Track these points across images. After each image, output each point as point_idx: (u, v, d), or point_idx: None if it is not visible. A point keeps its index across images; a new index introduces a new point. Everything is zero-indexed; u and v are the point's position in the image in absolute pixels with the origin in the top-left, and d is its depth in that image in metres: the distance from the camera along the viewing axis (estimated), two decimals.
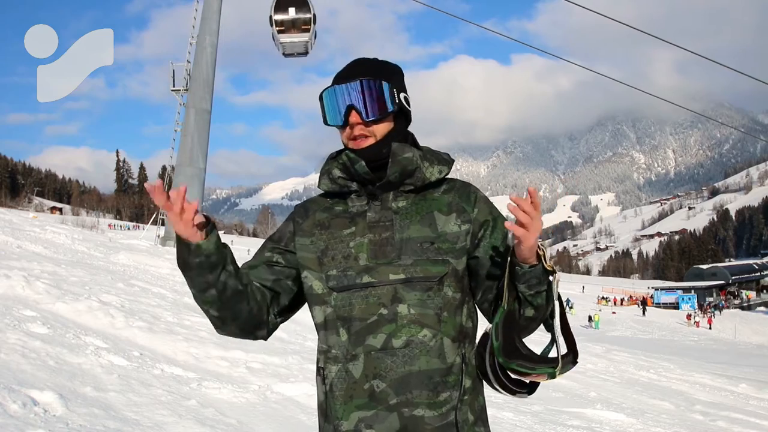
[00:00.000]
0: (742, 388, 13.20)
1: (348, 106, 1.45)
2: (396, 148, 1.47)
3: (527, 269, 1.38)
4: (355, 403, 1.41)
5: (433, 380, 1.41)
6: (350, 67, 1.52)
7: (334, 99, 1.47)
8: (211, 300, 1.47)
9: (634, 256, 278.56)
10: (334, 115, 1.48)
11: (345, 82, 1.47)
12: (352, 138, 1.48)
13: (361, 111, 1.45)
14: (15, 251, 11.67)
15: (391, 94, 1.47)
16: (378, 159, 1.48)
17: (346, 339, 1.43)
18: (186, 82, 26.15)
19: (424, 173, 1.50)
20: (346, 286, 1.44)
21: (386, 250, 1.45)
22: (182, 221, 1.37)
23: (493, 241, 1.50)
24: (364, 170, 1.47)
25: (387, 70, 1.52)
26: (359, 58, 1.55)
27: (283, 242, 1.57)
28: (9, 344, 4.90)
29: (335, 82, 1.50)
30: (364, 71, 1.49)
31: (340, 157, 1.52)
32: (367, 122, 1.46)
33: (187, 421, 4.16)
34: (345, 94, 1.46)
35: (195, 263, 1.41)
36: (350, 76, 1.48)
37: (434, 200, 1.51)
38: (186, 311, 8.44)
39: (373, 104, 1.45)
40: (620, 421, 7.34)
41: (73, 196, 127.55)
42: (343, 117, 1.47)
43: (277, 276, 1.55)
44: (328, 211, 1.54)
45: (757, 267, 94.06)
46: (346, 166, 1.49)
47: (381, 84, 1.46)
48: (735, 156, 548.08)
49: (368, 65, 1.52)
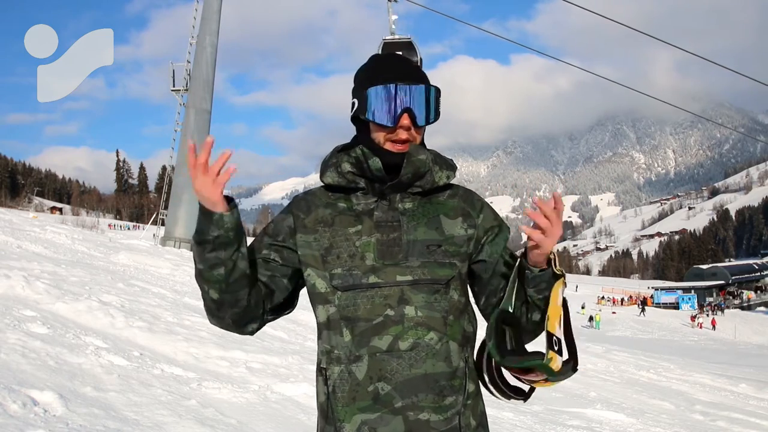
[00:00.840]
0: (742, 388, 13.20)
1: (405, 108, 1.41)
2: (412, 149, 1.45)
3: (537, 273, 1.39)
4: (358, 406, 1.39)
5: (438, 384, 1.40)
6: (403, 67, 1.47)
7: (389, 97, 1.41)
8: (216, 279, 1.41)
9: (634, 256, 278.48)
10: (385, 113, 1.42)
11: (405, 82, 1.42)
12: (395, 140, 1.44)
13: (417, 116, 1.43)
14: (15, 251, 11.67)
15: (437, 102, 1.46)
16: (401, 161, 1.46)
17: (349, 340, 1.41)
18: (186, 82, 26.12)
19: (434, 176, 1.49)
20: (351, 285, 1.42)
21: (394, 250, 1.43)
22: (214, 182, 1.33)
23: (497, 247, 1.51)
24: (377, 167, 1.44)
25: (426, 75, 1.51)
26: (397, 55, 1.52)
27: (280, 237, 1.51)
28: (9, 344, 4.89)
29: (387, 76, 1.44)
30: (419, 75, 1.47)
31: (353, 151, 1.48)
32: (416, 128, 1.45)
33: (187, 421, 4.15)
34: (406, 96, 1.42)
35: (213, 236, 1.37)
36: (408, 77, 1.44)
37: (440, 204, 1.51)
38: (186, 311, 8.44)
39: (428, 111, 1.44)
40: (620, 421, 7.34)
41: (73, 196, 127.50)
42: (397, 118, 1.42)
43: (273, 272, 1.50)
44: (331, 207, 1.50)
45: (757, 267, 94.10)
46: (359, 161, 1.46)
47: (437, 92, 1.46)
48: (735, 156, 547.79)
49: (417, 68, 1.49)
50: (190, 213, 24.93)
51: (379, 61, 1.50)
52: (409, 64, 1.49)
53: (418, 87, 1.43)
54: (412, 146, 1.45)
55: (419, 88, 1.43)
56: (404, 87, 1.41)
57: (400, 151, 1.44)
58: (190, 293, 10.94)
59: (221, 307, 1.46)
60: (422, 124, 1.44)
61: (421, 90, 1.43)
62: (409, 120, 1.42)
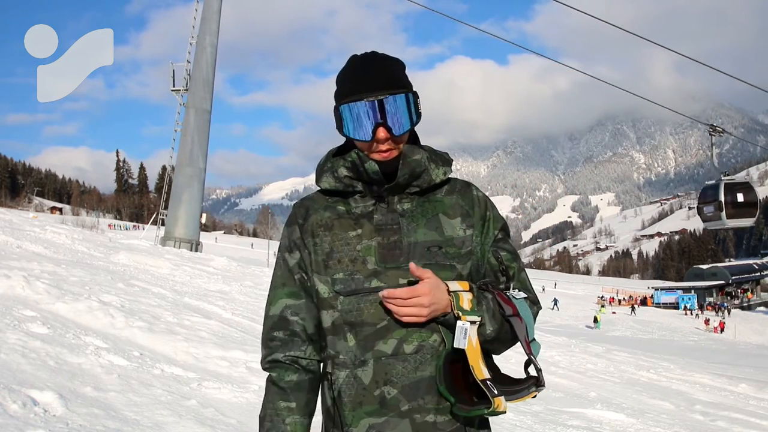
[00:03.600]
0: (742, 388, 13.20)
1: (378, 123, 1.39)
2: (407, 150, 1.44)
3: (442, 320, 1.39)
4: (364, 410, 1.39)
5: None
6: (367, 76, 1.42)
7: (359, 115, 1.39)
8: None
9: (634, 256, 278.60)
10: (359, 131, 1.41)
11: (369, 95, 1.39)
12: (377, 151, 1.43)
13: (392, 127, 1.40)
14: (15, 251, 11.66)
15: (416, 104, 1.43)
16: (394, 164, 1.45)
17: (354, 344, 1.41)
18: (186, 82, 26.09)
19: (431, 175, 1.48)
20: (353, 290, 1.41)
21: (395, 253, 1.42)
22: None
23: (486, 246, 1.51)
24: (374, 170, 1.43)
25: (403, 76, 1.46)
26: (366, 59, 1.45)
27: (299, 253, 1.51)
28: (9, 344, 4.89)
29: (353, 92, 1.41)
30: (387, 82, 1.41)
31: (349, 155, 1.47)
32: (395, 138, 1.42)
33: (187, 421, 4.15)
34: (373, 111, 1.39)
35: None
36: (373, 88, 1.40)
37: (438, 202, 1.50)
38: (186, 311, 8.44)
39: (401, 120, 1.41)
40: (620, 421, 7.34)
41: (73, 196, 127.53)
42: (371, 133, 1.40)
43: (314, 320, 1.52)
44: (330, 211, 1.50)
45: (757, 267, 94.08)
46: (355, 165, 1.45)
47: (408, 97, 1.42)
48: (735, 156, 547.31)
49: (386, 74, 1.43)
50: (190, 213, 24.94)
51: (348, 71, 1.46)
52: (380, 71, 1.42)
53: (389, 98, 1.39)
54: (406, 147, 1.45)
55: (390, 99, 1.39)
56: (372, 102, 1.38)
57: (387, 159, 1.43)
58: (190, 293, 10.94)
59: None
60: (399, 133, 1.41)
61: (393, 100, 1.39)
62: (386, 132, 1.40)
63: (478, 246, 1.50)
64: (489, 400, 1.31)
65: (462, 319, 1.35)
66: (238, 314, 9.51)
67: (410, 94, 1.42)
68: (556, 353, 14.25)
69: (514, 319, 1.40)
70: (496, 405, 1.31)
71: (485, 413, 1.33)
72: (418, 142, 1.53)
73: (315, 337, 1.49)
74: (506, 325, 1.40)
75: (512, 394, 1.37)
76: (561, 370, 11.57)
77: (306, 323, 1.49)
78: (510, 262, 1.52)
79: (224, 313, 9.20)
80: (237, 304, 11.16)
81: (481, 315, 1.37)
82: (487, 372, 1.35)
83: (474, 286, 1.41)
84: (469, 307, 1.36)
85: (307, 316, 1.49)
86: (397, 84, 1.42)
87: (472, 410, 1.33)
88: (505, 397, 1.34)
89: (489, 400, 1.31)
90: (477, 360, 1.35)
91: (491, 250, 1.51)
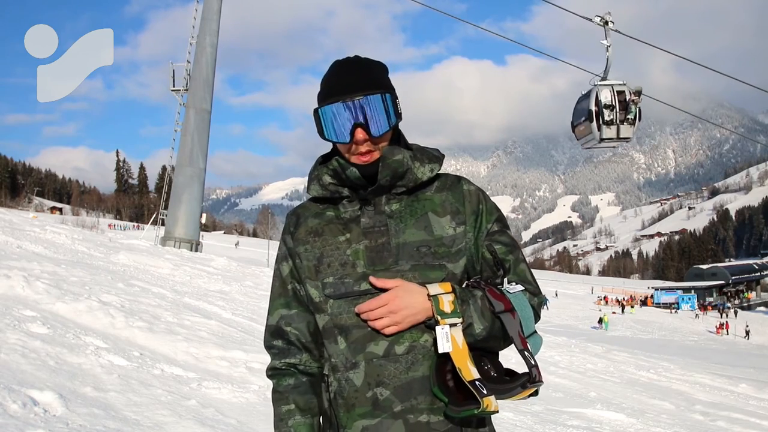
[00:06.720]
0: (742, 388, 13.21)
1: (356, 124, 1.39)
2: (386, 152, 1.43)
3: (427, 324, 1.40)
4: (358, 412, 1.40)
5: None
6: (344, 79, 1.42)
7: (336, 117, 1.40)
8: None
9: (634, 256, 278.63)
10: (337, 133, 1.41)
11: (346, 97, 1.39)
12: (357, 153, 1.43)
13: (370, 129, 1.40)
14: (15, 251, 11.66)
15: (394, 105, 1.42)
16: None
17: (344, 347, 1.42)
18: (186, 82, 26.10)
19: (415, 174, 1.46)
20: (343, 293, 1.42)
21: (383, 255, 1.42)
22: None
23: (480, 240, 1.49)
24: (355, 176, 1.43)
25: (382, 78, 1.46)
26: (346, 62, 1.46)
27: (291, 261, 1.53)
28: (9, 344, 4.90)
29: (331, 95, 1.41)
30: (364, 84, 1.41)
31: (330, 163, 1.48)
32: (374, 139, 1.41)
33: (187, 421, 4.15)
34: (350, 112, 1.39)
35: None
36: (349, 90, 1.40)
37: (427, 200, 1.49)
38: (186, 311, 8.44)
39: (379, 120, 1.40)
40: (620, 421, 7.34)
41: (73, 196, 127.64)
42: (349, 135, 1.40)
43: (310, 328, 1.54)
44: (319, 217, 1.51)
45: (757, 267, 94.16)
46: (336, 172, 1.46)
47: (385, 97, 1.41)
48: (735, 156, 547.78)
49: (363, 75, 1.43)
50: (190, 213, 24.95)
51: (328, 75, 1.46)
52: (358, 73, 1.42)
53: (365, 99, 1.39)
54: (386, 148, 1.44)
55: (366, 99, 1.39)
56: (349, 103, 1.38)
57: (367, 163, 1.43)
58: (190, 293, 10.94)
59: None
60: (377, 134, 1.40)
61: (369, 100, 1.39)
62: (364, 133, 1.39)
63: (471, 242, 1.48)
64: (478, 401, 1.31)
65: (441, 323, 1.35)
66: (238, 314, 9.52)
67: (388, 94, 1.42)
68: (556, 353, 14.26)
69: (506, 314, 1.38)
70: (485, 405, 1.30)
71: (475, 413, 1.32)
72: (403, 142, 1.52)
73: (311, 345, 1.51)
74: (497, 322, 1.39)
75: (503, 392, 1.35)
76: (561, 370, 11.58)
77: (300, 332, 1.51)
78: (505, 254, 1.48)
79: (224, 313, 9.21)
80: (237, 304, 11.17)
81: (464, 316, 1.36)
82: (475, 372, 1.34)
83: (457, 286, 1.40)
84: (450, 309, 1.35)
85: (301, 324, 1.51)
86: (375, 85, 1.41)
87: (462, 411, 1.33)
88: (497, 396, 1.33)
89: (478, 401, 1.31)
90: (464, 361, 1.34)
91: (485, 244, 1.49)
